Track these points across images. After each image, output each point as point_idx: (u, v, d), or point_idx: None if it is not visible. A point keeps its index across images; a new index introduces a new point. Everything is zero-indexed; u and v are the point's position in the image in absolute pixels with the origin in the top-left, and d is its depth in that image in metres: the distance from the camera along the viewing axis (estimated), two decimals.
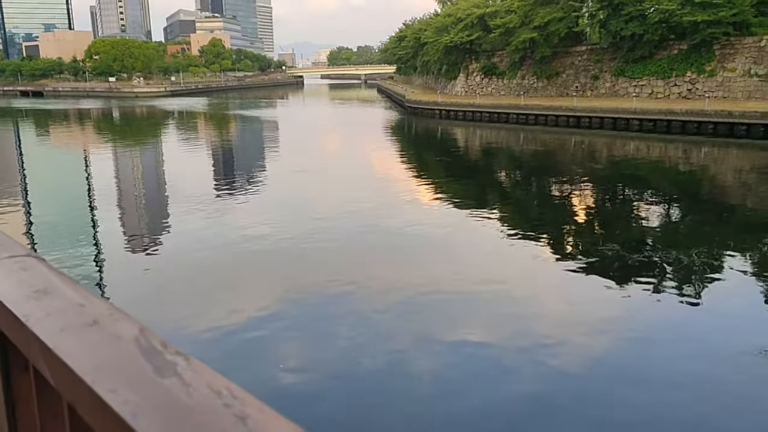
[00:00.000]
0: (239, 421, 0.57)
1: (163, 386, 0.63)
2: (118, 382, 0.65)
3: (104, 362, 0.69)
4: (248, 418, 0.58)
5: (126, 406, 0.60)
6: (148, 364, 0.68)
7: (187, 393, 0.62)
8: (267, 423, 0.58)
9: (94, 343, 0.74)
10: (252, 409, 0.59)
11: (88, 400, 0.65)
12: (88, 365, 0.68)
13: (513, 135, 39.73)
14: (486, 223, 16.30)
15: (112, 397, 0.62)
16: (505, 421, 6.80)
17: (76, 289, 0.90)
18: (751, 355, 8.11)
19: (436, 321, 9.53)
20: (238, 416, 0.58)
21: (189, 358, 0.70)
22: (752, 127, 31.51)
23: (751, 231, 15.14)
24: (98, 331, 0.76)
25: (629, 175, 24.36)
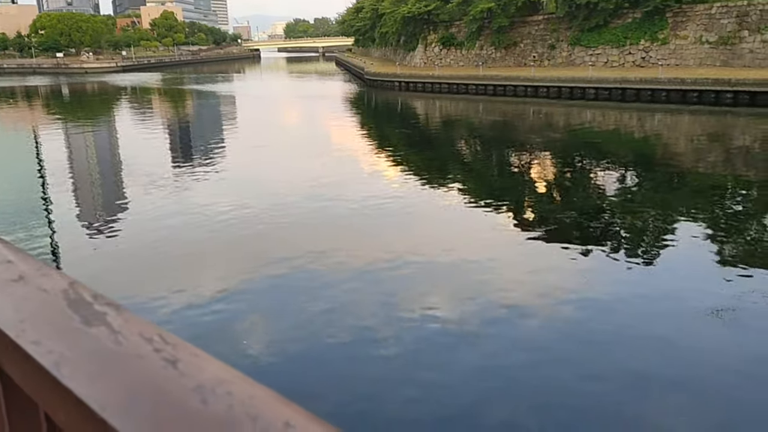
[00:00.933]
0: (169, 365, 0.57)
1: (90, 335, 0.62)
2: (43, 333, 0.63)
3: (29, 316, 0.67)
4: (179, 362, 0.57)
5: (50, 356, 0.59)
6: (75, 315, 0.66)
7: (115, 341, 0.61)
8: (199, 365, 0.57)
9: (19, 298, 0.71)
10: (184, 353, 0.58)
11: (13, 355, 0.63)
12: (13, 319, 0.66)
13: (472, 106, 39.85)
14: (447, 193, 16.39)
15: (35, 349, 0.60)
16: (473, 391, 6.91)
17: (6, 247, 0.87)
18: (705, 313, 8.40)
19: (400, 292, 9.59)
20: (169, 360, 0.57)
21: (120, 307, 0.68)
22: (703, 93, 32.26)
23: (703, 194, 15.59)
24: (24, 286, 0.74)
25: (586, 143, 24.74)
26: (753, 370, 7.07)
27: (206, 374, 0.55)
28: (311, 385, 7.07)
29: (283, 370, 7.41)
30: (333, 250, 11.61)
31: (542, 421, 6.29)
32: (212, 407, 0.51)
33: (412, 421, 6.39)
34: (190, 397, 0.52)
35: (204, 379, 0.55)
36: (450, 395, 6.78)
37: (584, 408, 6.49)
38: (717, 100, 31.59)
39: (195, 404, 0.51)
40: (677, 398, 6.61)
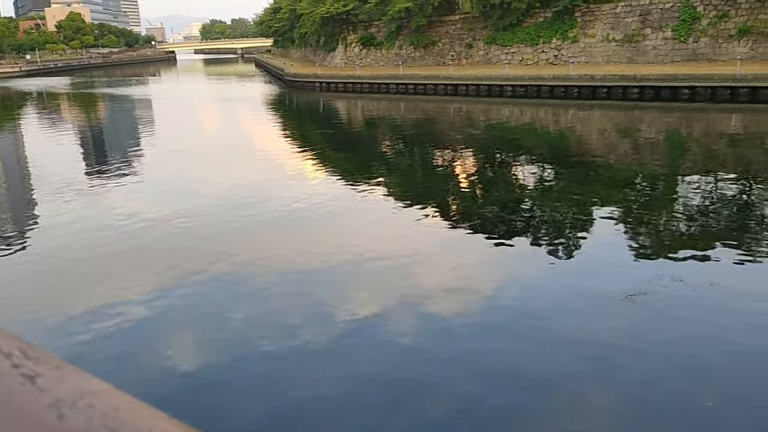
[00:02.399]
0: (27, 381, 0.53)
1: None
2: None
3: None
4: (39, 377, 0.53)
5: None
6: None
7: None
8: (61, 378, 0.54)
9: None
10: (46, 367, 0.55)
11: None
12: None
13: (394, 105, 40.19)
14: (372, 193, 16.45)
15: None
16: (403, 387, 6.96)
17: None
18: (620, 299, 8.80)
19: (328, 292, 9.55)
20: (27, 376, 0.54)
21: None
22: (612, 89, 33.81)
23: (615, 186, 16.34)
24: None
25: (505, 139, 25.45)
26: (663, 349, 7.46)
27: (67, 388, 0.52)
28: (237, 393, 6.92)
29: (209, 379, 7.22)
30: (257, 254, 11.42)
31: (466, 414, 6.41)
32: (69, 422, 0.48)
33: (338, 425, 6.38)
34: (45, 414, 0.49)
35: (63, 393, 0.51)
36: (376, 395, 6.81)
37: (505, 402, 6.66)
38: (625, 95, 33.19)
39: (50, 421, 0.48)
40: (593, 384, 6.89)
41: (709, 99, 30.37)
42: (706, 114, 28.65)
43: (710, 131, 24.85)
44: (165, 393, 6.96)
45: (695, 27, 36.99)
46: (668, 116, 28.61)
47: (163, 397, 6.86)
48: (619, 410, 6.37)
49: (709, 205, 13.91)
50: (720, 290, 9.05)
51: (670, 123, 27.21)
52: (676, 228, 12.47)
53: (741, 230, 12.10)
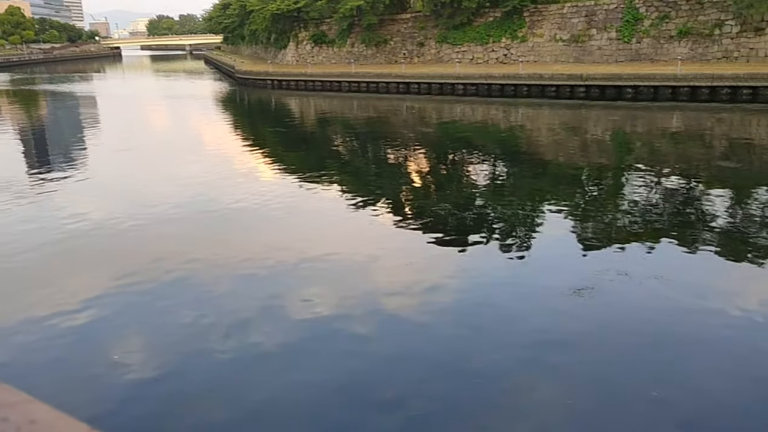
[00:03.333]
0: None
1: None
2: None
3: None
4: None
5: None
6: None
7: None
8: None
9: None
10: None
11: None
12: None
13: (347, 103, 40.11)
14: (326, 191, 16.39)
15: None
16: (360, 385, 6.97)
17: None
18: (569, 293, 9.02)
19: (282, 292, 9.47)
20: None
21: None
22: (560, 88, 34.58)
23: (564, 182, 16.71)
24: None
25: (458, 137, 25.71)
26: (610, 341, 7.68)
27: None
28: (187, 399, 6.81)
29: (157, 385, 7.07)
30: (208, 255, 11.24)
31: (422, 408, 6.47)
32: None
33: (295, 424, 6.34)
34: None
35: None
36: (333, 395, 6.79)
37: (460, 396, 6.74)
38: (572, 94, 34.00)
39: None
40: (545, 376, 7.04)
41: (651, 98, 31.38)
42: (649, 112, 29.58)
43: (653, 129, 25.66)
44: (111, 400, 6.79)
45: (638, 28, 38.13)
46: (613, 114, 29.41)
47: (108, 404, 6.70)
48: (569, 401, 6.52)
49: (652, 201, 14.37)
50: (664, 283, 9.37)
51: (616, 121, 27.98)
52: (622, 222, 12.84)
53: (683, 224, 12.55)
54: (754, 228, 12.18)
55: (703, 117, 27.45)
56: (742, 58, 34.35)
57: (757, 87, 29.29)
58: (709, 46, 35.51)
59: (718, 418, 6.12)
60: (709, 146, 21.54)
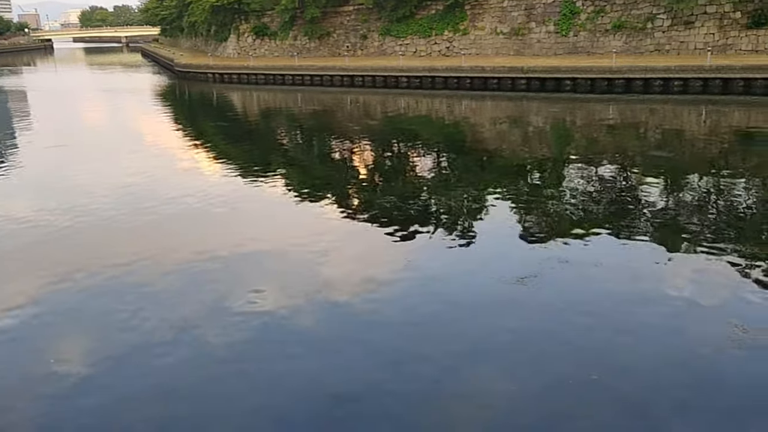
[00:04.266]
0: None
1: None
2: None
3: None
4: None
5: None
6: None
7: None
8: None
9: None
10: None
11: None
12: None
13: (290, 96, 39.74)
14: (271, 186, 16.23)
15: None
16: (307, 379, 6.97)
17: None
18: (513, 281, 9.24)
19: (228, 289, 9.34)
20: None
21: None
22: (501, 80, 35.18)
23: (507, 173, 17.05)
24: None
25: (402, 130, 25.85)
26: (552, 328, 7.92)
27: None
28: (128, 401, 6.66)
29: (96, 388, 6.89)
30: (150, 253, 10.98)
31: (363, 404, 6.53)
32: None
33: (241, 422, 6.30)
34: None
35: None
36: (283, 392, 6.78)
37: (407, 386, 6.83)
38: (513, 86, 34.64)
39: None
40: (489, 364, 7.21)
41: (589, 90, 32.29)
42: (587, 104, 30.43)
43: (591, 120, 26.43)
44: (46, 404, 6.58)
45: (575, 22, 39.12)
46: (553, 106, 30.12)
47: (43, 408, 6.50)
48: (514, 386, 6.70)
49: (591, 190, 14.83)
50: (602, 269, 9.70)
51: (556, 113, 28.67)
52: (563, 212, 13.20)
53: (620, 212, 13.01)
54: (686, 215, 12.73)
55: (638, 108, 28.44)
56: (673, 51, 35.70)
57: (687, 79, 30.51)
58: (643, 40, 36.75)
59: (655, 400, 6.39)
60: (644, 137, 22.34)
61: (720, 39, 34.36)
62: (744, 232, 11.55)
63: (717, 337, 7.52)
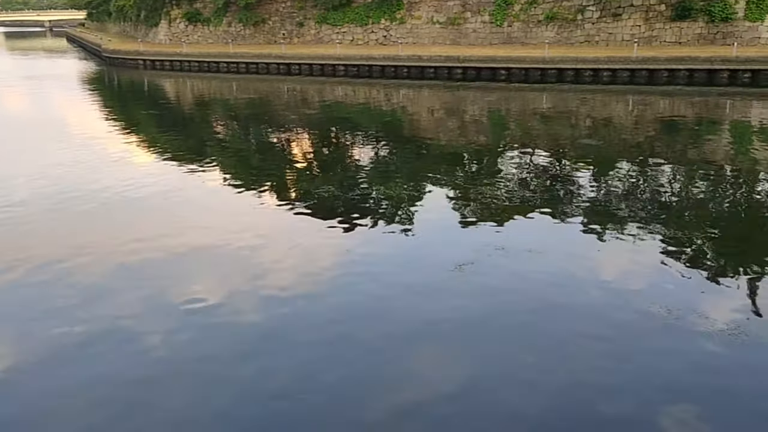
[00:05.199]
0: None
1: None
2: None
3: None
4: None
5: None
6: None
7: None
8: None
9: None
10: None
11: None
12: None
13: (225, 84, 38.90)
14: (206, 176, 15.90)
15: None
16: (246, 372, 6.90)
17: None
18: (451, 268, 9.40)
19: (163, 283, 9.13)
20: None
21: None
22: (438, 69, 35.49)
23: (445, 161, 17.27)
24: None
25: (340, 119, 25.75)
26: (487, 312, 8.12)
27: None
28: (59, 396, 6.45)
29: (27, 386, 6.64)
30: (79, 248, 10.59)
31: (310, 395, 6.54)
32: None
33: (180, 421, 6.20)
34: None
35: None
36: (223, 382, 6.70)
37: (341, 374, 6.88)
38: (450, 75, 35.01)
39: None
40: (423, 348, 7.34)
41: (523, 79, 32.99)
42: (521, 93, 31.09)
43: (525, 110, 27.04)
44: None
45: (509, 12, 39.80)
46: (489, 95, 30.64)
47: None
48: (452, 372, 6.84)
49: (526, 178, 15.21)
50: (536, 255, 10.00)
51: (491, 102, 29.18)
52: (499, 199, 13.49)
53: (552, 199, 13.40)
54: (614, 201, 13.24)
55: (569, 98, 29.26)
56: (602, 42, 36.85)
57: (615, 69, 31.60)
58: (573, 31, 37.77)
59: (589, 382, 6.66)
60: (575, 125, 23.04)
61: (646, 31, 35.69)
62: (669, 217, 12.11)
63: (643, 317, 7.88)
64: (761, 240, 11.04)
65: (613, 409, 6.09)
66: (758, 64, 29.27)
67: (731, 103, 26.90)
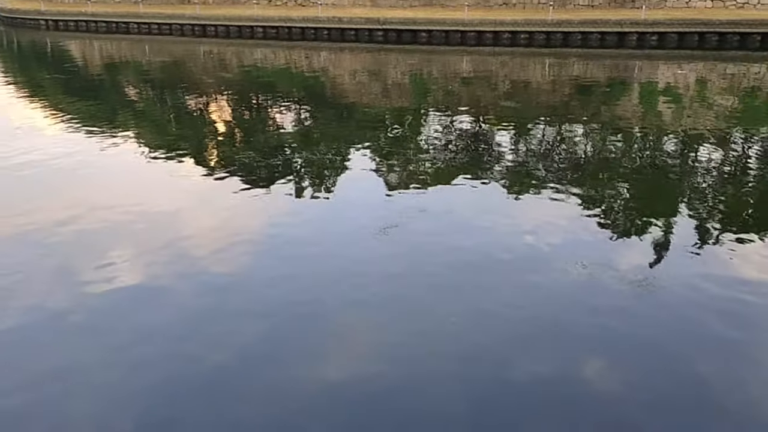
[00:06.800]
0: None
1: None
2: None
3: None
4: None
5: None
6: None
7: None
8: None
9: None
10: None
11: None
12: None
13: (137, 46, 37.04)
14: (120, 144, 15.20)
15: None
16: (165, 344, 6.77)
17: None
18: (376, 232, 9.46)
19: (74, 257, 8.75)
20: None
21: None
22: (359, 32, 35.07)
23: (368, 126, 17.22)
24: None
25: (260, 83, 25.13)
26: (410, 272, 8.25)
27: None
28: None
29: None
30: None
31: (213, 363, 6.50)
32: None
33: (96, 401, 6.03)
34: None
35: None
36: (140, 356, 6.54)
37: (270, 337, 6.87)
38: (371, 38, 34.68)
39: None
40: (353, 310, 7.42)
41: (444, 42, 33.13)
42: (442, 56, 31.24)
43: (446, 72, 27.21)
44: None
45: None
46: (411, 58, 30.62)
47: None
48: (378, 333, 6.94)
49: (448, 141, 15.41)
50: (458, 216, 10.21)
51: (413, 65, 29.18)
52: (422, 162, 13.63)
53: (474, 161, 13.67)
54: (532, 161, 13.64)
55: (489, 60, 29.66)
56: (519, 5, 37.38)
57: (532, 32, 32.21)
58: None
59: (506, 337, 6.92)
60: (495, 88, 23.43)
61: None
62: (583, 175, 12.61)
63: (559, 272, 8.22)
64: (668, 194, 11.69)
65: (530, 365, 6.36)
66: (664, 26, 30.56)
67: (640, 65, 28.05)
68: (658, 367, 6.27)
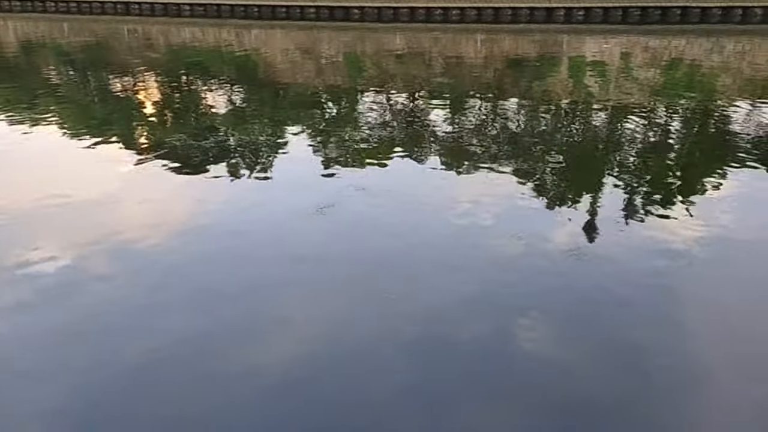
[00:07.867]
0: None
1: None
2: None
3: None
4: None
5: None
6: None
7: None
8: None
9: None
10: None
11: None
12: None
13: (56, 26, 35.26)
14: (42, 130, 14.49)
15: None
16: (102, 331, 6.55)
17: None
18: (312, 212, 9.40)
19: (4, 247, 8.33)
20: None
21: None
22: (290, 9, 34.47)
23: (303, 105, 17.00)
24: None
25: (190, 63, 24.39)
26: (349, 250, 8.26)
27: None
28: None
29: None
30: None
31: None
32: None
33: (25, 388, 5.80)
34: None
35: None
36: (78, 343, 6.31)
37: (207, 321, 6.76)
38: (303, 15, 34.16)
39: None
40: (294, 290, 7.36)
41: (376, 19, 32.97)
42: (375, 33, 31.09)
43: (380, 49, 27.12)
44: None
45: None
46: (344, 36, 30.35)
47: None
48: (318, 311, 6.92)
49: (384, 118, 15.39)
50: (395, 194, 10.25)
51: (347, 42, 28.94)
52: (359, 141, 13.57)
53: (410, 138, 13.71)
54: (467, 137, 13.80)
55: (422, 37, 29.70)
56: None
57: (463, 8, 32.44)
58: None
59: (449, 308, 7.02)
60: (428, 65, 23.51)
61: None
62: (517, 149, 12.86)
63: (496, 244, 8.39)
64: (597, 165, 12.07)
65: (472, 334, 6.49)
66: (590, 1, 31.33)
67: (567, 39, 28.70)
68: (586, 330, 6.52)
